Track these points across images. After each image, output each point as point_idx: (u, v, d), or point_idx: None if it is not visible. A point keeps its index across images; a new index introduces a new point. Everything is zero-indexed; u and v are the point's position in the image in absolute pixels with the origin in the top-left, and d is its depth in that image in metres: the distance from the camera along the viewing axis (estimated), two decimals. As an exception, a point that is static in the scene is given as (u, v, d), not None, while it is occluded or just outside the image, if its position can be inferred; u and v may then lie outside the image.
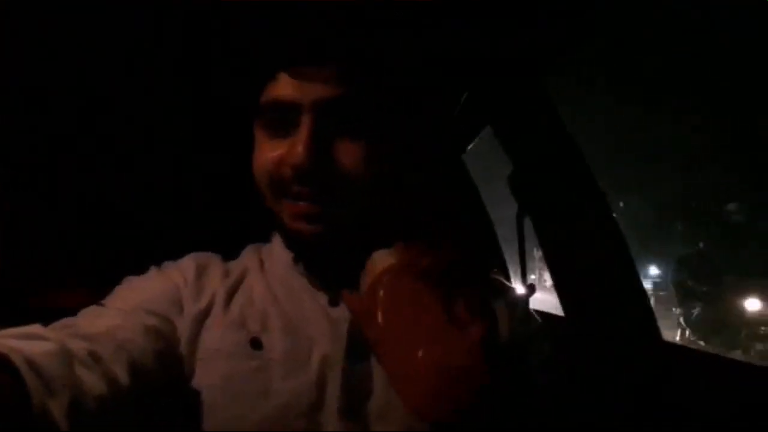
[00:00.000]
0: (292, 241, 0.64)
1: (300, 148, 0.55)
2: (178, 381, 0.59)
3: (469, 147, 1.34)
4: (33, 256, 0.83)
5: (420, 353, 0.49)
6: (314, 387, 0.56)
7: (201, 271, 0.66)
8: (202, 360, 0.59)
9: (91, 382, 0.47)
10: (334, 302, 0.63)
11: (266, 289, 0.65)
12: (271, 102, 0.60)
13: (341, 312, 0.61)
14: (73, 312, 0.59)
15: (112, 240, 0.97)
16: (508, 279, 1.54)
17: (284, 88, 0.58)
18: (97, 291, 0.65)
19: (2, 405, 0.39)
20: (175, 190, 1.05)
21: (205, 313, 0.62)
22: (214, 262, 0.69)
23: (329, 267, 0.64)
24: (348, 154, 0.58)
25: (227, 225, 0.88)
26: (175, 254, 0.70)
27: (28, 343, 0.44)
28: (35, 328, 0.48)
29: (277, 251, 0.69)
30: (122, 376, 0.51)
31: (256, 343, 0.59)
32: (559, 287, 1.16)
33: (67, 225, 0.95)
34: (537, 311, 1.26)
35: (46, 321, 0.55)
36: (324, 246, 0.60)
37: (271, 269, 0.68)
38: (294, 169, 0.56)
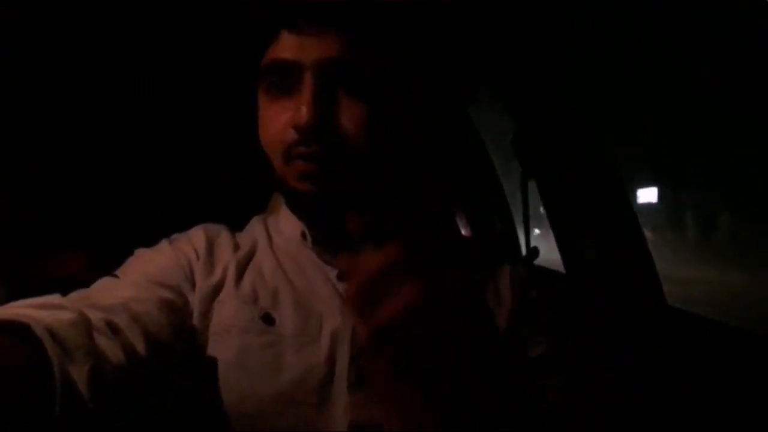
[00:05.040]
0: (298, 205, 0.63)
1: (303, 110, 0.55)
2: (192, 354, 0.59)
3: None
4: (24, 224, 0.82)
5: None
6: (325, 362, 0.57)
7: (212, 244, 0.66)
8: (216, 334, 0.59)
9: (111, 350, 0.47)
10: (342, 276, 0.62)
11: (276, 265, 0.65)
12: (273, 63, 0.58)
13: None
14: (68, 280, 0.58)
15: (106, 208, 0.95)
16: (517, 239, 1.52)
17: (286, 48, 0.57)
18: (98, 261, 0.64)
19: (25, 374, 0.39)
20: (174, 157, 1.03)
21: (218, 288, 0.62)
22: (223, 234, 0.68)
23: (336, 239, 0.63)
24: (351, 114, 0.57)
25: (226, 195, 0.86)
26: (172, 223, 0.69)
27: (48, 312, 0.44)
28: (54, 298, 0.47)
29: (284, 225, 0.69)
30: (140, 346, 0.50)
31: (268, 319, 0.59)
32: (561, 245, 1.16)
33: (61, 192, 0.94)
34: (544, 269, 1.25)
35: (43, 291, 0.54)
36: (329, 207, 0.59)
37: (279, 244, 0.68)
38: (299, 131, 0.56)
